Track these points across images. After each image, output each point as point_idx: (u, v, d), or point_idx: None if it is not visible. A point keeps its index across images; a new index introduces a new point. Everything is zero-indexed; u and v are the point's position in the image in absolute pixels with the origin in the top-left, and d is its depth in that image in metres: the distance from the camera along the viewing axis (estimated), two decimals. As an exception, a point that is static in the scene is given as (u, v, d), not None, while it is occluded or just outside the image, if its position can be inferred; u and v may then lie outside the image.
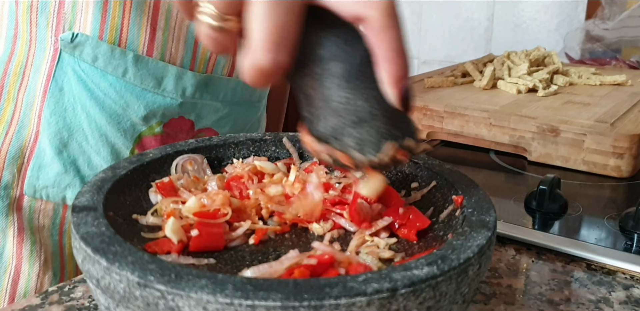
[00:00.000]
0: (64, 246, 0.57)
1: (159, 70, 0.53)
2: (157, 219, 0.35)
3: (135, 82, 0.52)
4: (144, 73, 0.52)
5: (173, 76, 0.53)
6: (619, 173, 0.62)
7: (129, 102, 0.53)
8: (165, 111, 0.54)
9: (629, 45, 1.15)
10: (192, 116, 0.57)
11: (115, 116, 0.53)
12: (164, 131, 0.56)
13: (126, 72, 0.52)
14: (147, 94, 0.53)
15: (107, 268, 0.27)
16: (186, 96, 0.55)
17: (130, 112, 0.53)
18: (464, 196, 0.35)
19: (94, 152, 0.54)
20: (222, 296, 0.24)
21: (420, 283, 0.26)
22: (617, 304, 0.40)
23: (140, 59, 0.52)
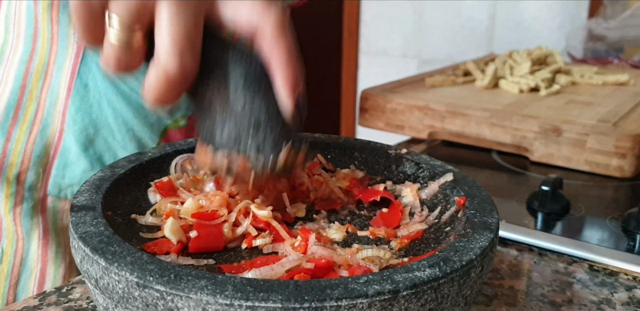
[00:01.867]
0: None
1: None
2: (156, 220, 0.35)
3: None
4: None
5: None
6: (621, 173, 0.62)
7: None
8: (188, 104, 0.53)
9: (631, 45, 1.14)
10: None
11: (142, 110, 0.53)
12: (188, 124, 0.56)
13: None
14: None
15: (106, 268, 0.27)
16: None
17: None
18: (467, 197, 0.35)
19: (121, 148, 0.54)
20: (222, 298, 0.24)
21: (422, 285, 0.25)
22: (620, 305, 0.40)
23: None
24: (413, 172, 0.41)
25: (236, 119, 0.31)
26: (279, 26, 0.31)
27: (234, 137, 0.31)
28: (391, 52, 1.89)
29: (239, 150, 0.32)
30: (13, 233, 0.53)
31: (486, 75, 0.82)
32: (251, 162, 0.32)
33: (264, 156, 0.31)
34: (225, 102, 0.31)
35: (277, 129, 0.31)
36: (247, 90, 0.31)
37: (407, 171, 0.41)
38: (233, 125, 0.31)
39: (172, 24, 0.29)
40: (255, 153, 0.31)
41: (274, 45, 0.31)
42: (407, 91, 0.78)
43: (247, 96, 0.31)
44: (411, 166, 0.41)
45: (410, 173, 0.41)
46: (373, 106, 0.76)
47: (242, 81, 0.31)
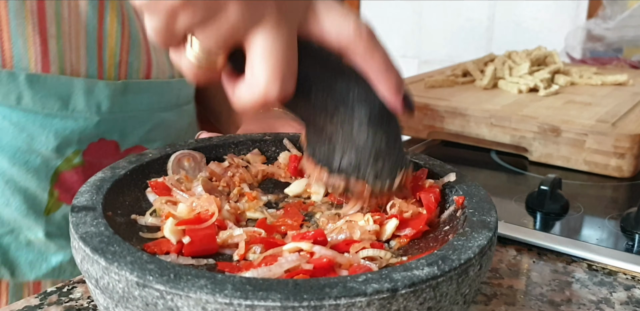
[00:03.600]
0: None
1: (62, 87, 0.44)
2: (156, 220, 0.35)
3: (36, 108, 0.43)
4: (44, 95, 0.43)
5: (81, 90, 0.45)
6: (620, 173, 0.62)
7: (33, 135, 0.44)
8: (81, 135, 0.46)
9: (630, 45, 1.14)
10: (115, 136, 0.48)
11: (19, 154, 0.44)
12: (84, 160, 0.47)
13: (21, 98, 0.42)
14: (53, 119, 0.44)
15: (106, 268, 0.27)
16: (102, 112, 0.46)
17: (38, 146, 0.44)
18: (465, 196, 0.35)
19: (3, 205, 0.45)
20: (222, 297, 0.24)
21: (421, 283, 0.26)
22: (618, 304, 0.40)
23: (36, 79, 0.43)
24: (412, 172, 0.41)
25: (357, 150, 0.34)
26: (370, 40, 0.31)
27: (354, 165, 0.34)
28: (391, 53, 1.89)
29: (358, 176, 0.34)
30: None
31: (485, 75, 0.82)
32: (370, 186, 0.35)
33: (380, 182, 0.35)
34: (349, 135, 0.34)
35: (393, 158, 0.35)
36: (370, 125, 0.33)
37: (406, 171, 0.42)
38: (354, 155, 0.34)
39: (271, 53, 0.29)
40: (374, 179, 0.34)
41: (370, 60, 0.32)
42: (407, 91, 0.78)
43: (370, 131, 0.33)
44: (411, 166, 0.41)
45: (409, 173, 0.41)
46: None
47: (367, 119, 0.33)
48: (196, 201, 0.35)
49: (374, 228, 0.34)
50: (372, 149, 0.34)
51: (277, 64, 0.29)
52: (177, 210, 0.35)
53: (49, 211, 0.47)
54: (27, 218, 0.46)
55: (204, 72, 0.30)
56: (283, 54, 0.29)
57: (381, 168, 0.34)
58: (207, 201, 0.35)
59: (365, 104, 0.33)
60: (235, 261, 0.32)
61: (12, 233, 0.47)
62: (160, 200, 0.36)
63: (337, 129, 0.34)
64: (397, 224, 0.34)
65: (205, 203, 0.35)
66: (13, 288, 0.49)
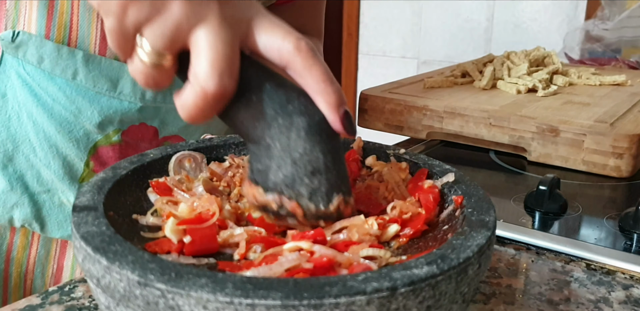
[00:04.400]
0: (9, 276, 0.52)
1: (113, 71, 0.48)
2: (157, 220, 0.36)
3: (88, 85, 0.47)
4: (97, 74, 0.47)
5: (130, 77, 0.48)
6: (618, 173, 0.62)
7: (81, 108, 0.48)
8: (123, 116, 0.49)
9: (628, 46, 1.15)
10: (156, 123, 0.51)
11: (66, 124, 0.48)
12: (122, 139, 0.50)
13: (76, 74, 0.47)
14: (101, 98, 0.48)
15: (108, 267, 0.27)
16: (146, 100, 0.50)
17: (83, 120, 0.48)
18: (464, 196, 0.35)
19: (44, 166, 0.49)
20: (222, 295, 0.24)
21: (420, 282, 0.26)
22: (617, 304, 0.40)
23: (92, 59, 0.47)
24: (411, 172, 0.41)
25: (293, 163, 0.32)
26: (308, 57, 0.32)
27: (289, 180, 0.33)
28: (390, 53, 1.89)
29: (291, 196, 0.33)
30: None
31: (484, 76, 0.82)
32: (302, 207, 0.33)
33: (314, 204, 0.33)
34: (286, 147, 0.32)
35: (332, 178, 0.33)
36: (308, 138, 0.32)
37: (406, 171, 0.42)
38: (290, 168, 0.32)
39: (211, 48, 0.30)
40: (307, 201, 0.33)
41: (307, 75, 0.32)
42: (406, 91, 0.78)
43: (308, 144, 0.32)
44: (410, 166, 0.42)
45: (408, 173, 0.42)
46: (372, 107, 0.76)
47: (305, 131, 0.32)
48: (197, 201, 0.35)
49: (375, 232, 0.33)
50: (308, 164, 0.32)
51: (217, 57, 0.30)
52: (178, 210, 0.35)
53: (83, 179, 0.51)
54: (63, 182, 0.50)
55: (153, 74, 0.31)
56: (223, 50, 0.30)
57: (317, 186, 0.32)
58: (208, 201, 0.35)
59: (305, 116, 0.32)
60: (236, 261, 0.32)
61: (48, 193, 0.51)
62: (161, 200, 0.36)
63: (274, 141, 0.32)
64: (398, 229, 0.34)
65: (206, 202, 0.35)
66: (43, 240, 0.53)
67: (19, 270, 0.53)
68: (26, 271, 0.53)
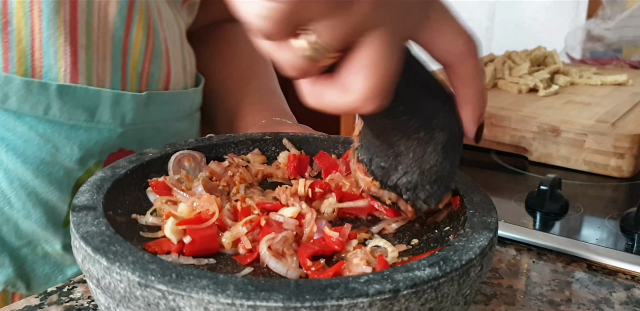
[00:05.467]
0: None
1: (90, 99, 0.43)
2: (157, 219, 0.35)
3: (62, 119, 0.43)
4: (72, 106, 0.43)
5: (108, 102, 0.44)
6: (619, 173, 0.62)
7: (58, 146, 0.43)
8: (103, 147, 0.45)
9: (630, 45, 1.14)
10: (134, 146, 0.48)
11: (43, 166, 0.43)
12: None
13: (49, 109, 0.42)
14: (78, 131, 0.44)
15: (108, 268, 0.27)
16: (126, 124, 0.46)
17: (62, 158, 0.44)
18: (466, 197, 0.35)
19: (22, 217, 0.44)
20: (224, 297, 0.24)
21: (422, 284, 0.26)
22: (618, 304, 0.40)
23: (66, 90, 0.42)
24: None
25: (421, 173, 0.33)
26: (477, 62, 0.30)
27: (411, 187, 0.34)
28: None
29: (409, 198, 0.34)
30: None
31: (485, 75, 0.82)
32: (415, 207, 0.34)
33: (427, 205, 0.34)
34: (419, 158, 0.33)
35: (449, 184, 0.34)
36: (443, 152, 0.33)
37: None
38: (417, 177, 0.33)
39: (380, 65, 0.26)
40: (422, 203, 0.34)
41: (471, 84, 0.31)
42: (407, 91, 0.78)
43: (440, 157, 0.33)
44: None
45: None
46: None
47: (442, 146, 0.32)
48: (197, 201, 0.35)
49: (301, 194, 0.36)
50: (435, 174, 0.33)
51: (381, 77, 0.26)
52: (177, 210, 0.35)
53: (67, 222, 0.47)
54: (46, 230, 0.46)
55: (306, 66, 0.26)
56: (390, 68, 0.26)
57: (435, 191, 0.34)
58: (208, 201, 0.35)
59: (446, 131, 0.32)
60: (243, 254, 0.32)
61: (30, 245, 0.46)
62: (160, 200, 0.36)
63: (409, 150, 0.32)
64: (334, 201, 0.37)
65: (205, 202, 0.35)
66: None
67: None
68: None
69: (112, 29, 0.45)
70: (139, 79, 0.47)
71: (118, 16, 0.45)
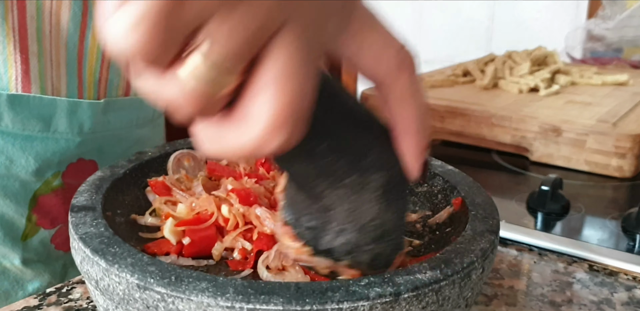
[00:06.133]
0: None
1: (44, 108, 0.42)
2: (156, 220, 0.35)
3: (16, 130, 0.41)
4: (26, 116, 0.41)
5: (64, 111, 0.43)
6: (621, 173, 0.62)
7: (12, 158, 0.42)
8: (61, 157, 0.44)
9: (630, 45, 1.14)
10: (94, 155, 0.46)
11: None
12: (63, 182, 0.45)
13: (0, 120, 0.41)
14: (33, 142, 0.42)
15: (107, 270, 0.26)
16: (84, 133, 0.45)
17: (17, 170, 0.42)
18: (467, 198, 0.35)
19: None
20: (223, 300, 0.24)
21: (424, 287, 0.25)
22: (619, 305, 0.40)
23: (18, 99, 0.41)
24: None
25: (361, 229, 0.27)
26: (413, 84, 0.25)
27: (350, 248, 0.27)
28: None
29: (350, 264, 0.28)
30: None
31: (486, 75, 0.82)
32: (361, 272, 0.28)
33: (374, 269, 0.28)
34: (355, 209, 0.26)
35: (397, 239, 0.29)
36: (383, 199, 0.26)
37: (408, 172, 0.41)
38: (355, 235, 0.27)
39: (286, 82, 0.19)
40: (366, 267, 0.28)
41: (406, 106, 0.25)
42: (407, 90, 0.78)
43: (382, 206, 0.26)
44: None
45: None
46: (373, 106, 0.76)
47: (382, 191, 0.26)
48: (195, 201, 0.35)
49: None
50: (379, 229, 0.27)
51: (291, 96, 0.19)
52: (176, 210, 0.35)
53: (26, 236, 0.45)
54: (3, 246, 0.44)
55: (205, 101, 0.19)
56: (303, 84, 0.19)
57: (382, 250, 0.28)
58: (207, 201, 0.34)
59: (384, 171, 0.26)
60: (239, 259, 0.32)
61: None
62: (159, 200, 0.36)
63: (341, 201, 0.26)
64: None
65: (204, 202, 0.34)
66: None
67: None
68: None
69: (66, 36, 0.43)
70: (97, 86, 0.45)
71: (71, 22, 0.43)
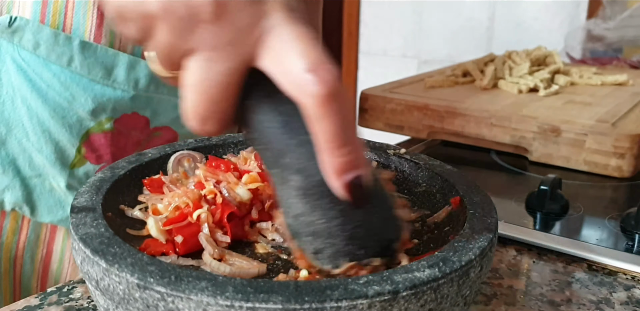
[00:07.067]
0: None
1: (108, 58, 0.48)
2: (142, 214, 0.35)
3: (82, 72, 0.48)
4: (92, 62, 0.48)
5: (124, 65, 0.49)
6: (620, 173, 0.62)
7: (75, 95, 0.48)
8: (116, 105, 0.50)
9: (630, 45, 1.14)
10: (147, 113, 0.52)
11: (59, 109, 0.48)
12: (114, 127, 0.51)
13: (72, 61, 0.47)
14: (95, 85, 0.48)
15: (107, 270, 0.27)
16: (139, 89, 0.50)
17: (77, 106, 0.49)
18: (466, 197, 0.35)
19: (36, 151, 0.49)
20: (223, 299, 0.24)
21: (422, 285, 0.26)
22: (618, 305, 0.40)
23: (88, 46, 0.47)
24: (412, 172, 0.41)
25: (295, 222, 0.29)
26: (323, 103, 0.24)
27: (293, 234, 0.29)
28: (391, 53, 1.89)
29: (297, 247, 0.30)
30: None
31: (485, 75, 0.82)
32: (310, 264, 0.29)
33: (321, 263, 0.29)
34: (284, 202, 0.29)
35: (338, 246, 0.28)
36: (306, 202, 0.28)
37: (406, 171, 0.42)
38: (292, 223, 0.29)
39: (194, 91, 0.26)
40: (313, 257, 0.29)
41: (317, 126, 0.25)
42: (407, 91, 0.78)
43: (306, 208, 0.28)
44: (410, 166, 0.41)
45: (409, 173, 0.41)
46: (372, 106, 0.76)
47: (300, 192, 0.27)
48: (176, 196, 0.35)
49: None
50: (309, 227, 0.28)
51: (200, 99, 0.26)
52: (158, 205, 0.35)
53: (74, 165, 0.52)
54: (54, 167, 0.50)
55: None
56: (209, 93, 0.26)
57: (321, 248, 0.28)
58: (184, 195, 0.34)
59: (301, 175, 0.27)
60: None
61: (40, 177, 0.51)
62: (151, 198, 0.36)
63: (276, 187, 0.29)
64: None
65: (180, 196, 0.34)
66: (33, 225, 0.53)
67: (8, 254, 0.53)
68: (15, 256, 0.53)
69: None
70: None
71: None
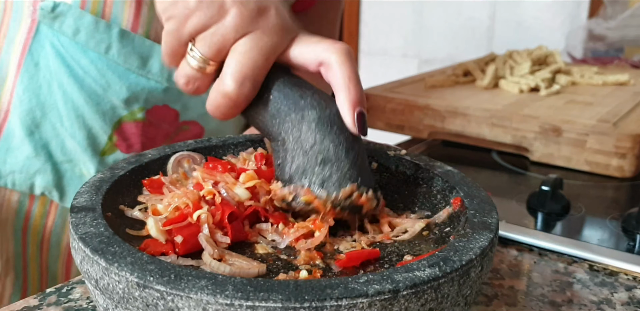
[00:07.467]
0: (27, 244, 0.53)
1: (144, 49, 0.50)
2: (141, 215, 0.35)
3: (119, 61, 0.49)
4: (129, 51, 0.49)
5: (159, 56, 0.50)
6: (621, 173, 0.62)
7: (110, 82, 0.50)
8: (149, 95, 0.51)
9: (631, 45, 1.14)
10: (178, 106, 0.53)
11: (94, 96, 0.49)
12: (146, 118, 0.52)
13: (110, 49, 0.49)
14: (130, 74, 0.50)
15: (106, 269, 0.27)
16: (172, 82, 0.51)
17: (111, 94, 0.50)
18: (466, 197, 0.35)
19: (69, 136, 0.51)
20: (222, 297, 0.24)
21: (422, 284, 0.25)
22: (620, 305, 0.40)
23: (126, 35, 0.49)
24: (412, 173, 0.41)
25: (304, 155, 0.34)
26: (343, 55, 0.34)
27: (301, 171, 0.34)
28: (391, 52, 1.89)
29: (304, 185, 0.34)
30: None
31: (486, 75, 0.82)
32: (316, 196, 0.34)
33: (327, 191, 0.34)
34: (297, 140, 0.34)
35: (343, 169, 0.34)
36: (318, 130, 0.34)
37: (407, 172, 0.41)
38: (301, 159, 0.34)
39: (244, 56, 0.33)
40: (319, 188, 0.34)
41: (338, 70, 0.33)
42: (407, 90, 0.78)
43: (318, 136, 0.34)
44: (410, 166, 0.41)
45: (409, 174, 0.41)
46: (373, 106, 0.76)
47: (315, 123, 0.34)
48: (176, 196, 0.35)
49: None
50: (319, 154, 0.34)
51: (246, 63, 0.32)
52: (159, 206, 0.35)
53: (104, 152, 0.53)
54: (85, 154, 0.52)
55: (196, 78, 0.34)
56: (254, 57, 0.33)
57: (328, 175, 0.34)
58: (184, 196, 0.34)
59: (316, 109, 0.34)
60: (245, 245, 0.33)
61: (70, 163, 0.52)
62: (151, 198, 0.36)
63: (288, 135, 0.35)
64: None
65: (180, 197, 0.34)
66: (60, 210, 0.54)
67: (36, 238, 0.54)
68: (42, 240, 0.54)
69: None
70: None
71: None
